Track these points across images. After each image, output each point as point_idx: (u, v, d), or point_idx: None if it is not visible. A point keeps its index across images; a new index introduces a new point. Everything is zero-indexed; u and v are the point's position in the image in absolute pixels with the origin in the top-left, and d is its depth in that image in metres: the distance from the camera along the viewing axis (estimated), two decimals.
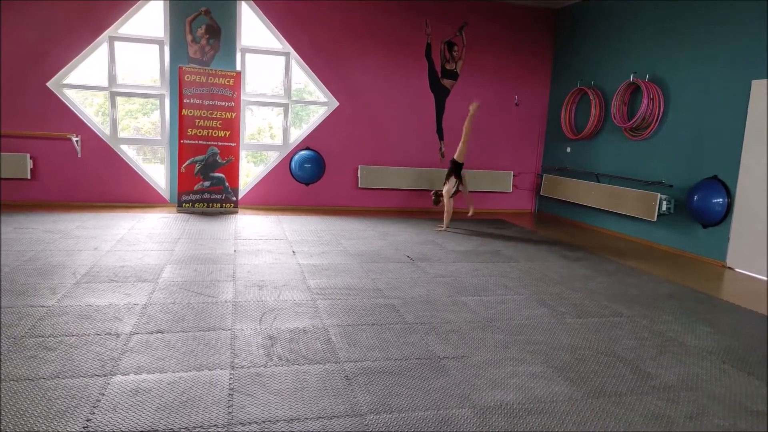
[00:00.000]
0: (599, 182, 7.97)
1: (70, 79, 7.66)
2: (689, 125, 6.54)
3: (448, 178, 7.36)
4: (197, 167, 7.72)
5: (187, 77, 7.54)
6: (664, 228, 6.86)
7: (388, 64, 8.61)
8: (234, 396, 2.58)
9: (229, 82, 7.68)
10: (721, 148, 6.09)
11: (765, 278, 5.53)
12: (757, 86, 5.69)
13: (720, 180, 6.06)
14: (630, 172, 7.42)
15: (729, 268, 5.95)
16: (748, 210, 5.74)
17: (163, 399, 2.52)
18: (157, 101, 8.12)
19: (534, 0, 8.74)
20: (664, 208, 6.66)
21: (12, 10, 7.21)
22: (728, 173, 5.98)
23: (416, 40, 8.67)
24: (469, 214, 7.67)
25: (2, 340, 3.05)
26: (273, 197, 8.52)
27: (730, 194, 5.94)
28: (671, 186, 6.73)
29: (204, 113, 7.64)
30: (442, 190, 7.41)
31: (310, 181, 8.57)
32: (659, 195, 6.70)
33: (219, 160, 7.78)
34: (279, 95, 8.52)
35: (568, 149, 8.80)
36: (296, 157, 8.44)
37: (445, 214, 7.28)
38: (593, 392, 2.82)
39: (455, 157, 7.29)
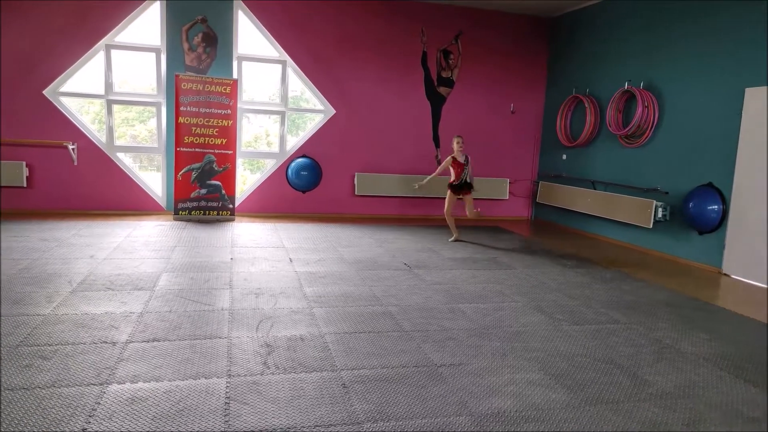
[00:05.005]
0: (595, 189, 8.00)
1: (67, 87, 7.67)
2: (684, 132, 6.58)
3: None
4: (194, 175, 7.71)
5: (184, 85, 7.55)
6: (660, 235, 6.88)
7: (385, 72, 8.64)
8: (230, 404, 2.57)
9: (225, 90, 7.69)
10: (716, 155, 6.12)
11: (761, 285, 5.55)
12: (751, 94, 5.74)
13: (715, 187, 6.09)
14: (625, 179, 7.45)
15: (725, 274, 5.97)
16: (743, 217, 5.77)
17: (159, 408, 2.51)
18: (154, 109, 8.13)
19: (529, 8, 8.80)
20: (659, 215, 6.69)
21: (7, 18, 7.22)
22: (723, 180, 6.01)
23: (412, 48, 8.71)
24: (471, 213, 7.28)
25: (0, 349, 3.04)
26: (270, 205, 8.51)
27: (725, 201, 5.97)
28: (667, 193, 6.75)
29: (201, 121, 7.65)
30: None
31: (306, 188, 8.57)
32: (655, 202, 6.72)
33: (215, 168, 7.78)
34: (276, 103, 8.53)
35: (564, 156, 8.83)
36: (293, 164, 8.44)
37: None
38: (590, 399, 2.82)
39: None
